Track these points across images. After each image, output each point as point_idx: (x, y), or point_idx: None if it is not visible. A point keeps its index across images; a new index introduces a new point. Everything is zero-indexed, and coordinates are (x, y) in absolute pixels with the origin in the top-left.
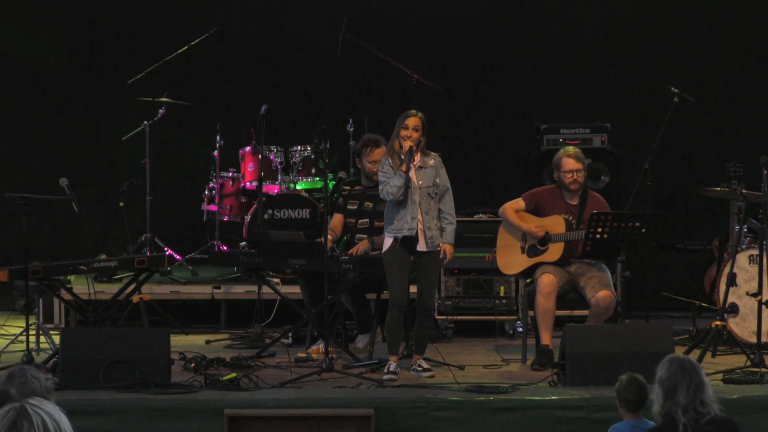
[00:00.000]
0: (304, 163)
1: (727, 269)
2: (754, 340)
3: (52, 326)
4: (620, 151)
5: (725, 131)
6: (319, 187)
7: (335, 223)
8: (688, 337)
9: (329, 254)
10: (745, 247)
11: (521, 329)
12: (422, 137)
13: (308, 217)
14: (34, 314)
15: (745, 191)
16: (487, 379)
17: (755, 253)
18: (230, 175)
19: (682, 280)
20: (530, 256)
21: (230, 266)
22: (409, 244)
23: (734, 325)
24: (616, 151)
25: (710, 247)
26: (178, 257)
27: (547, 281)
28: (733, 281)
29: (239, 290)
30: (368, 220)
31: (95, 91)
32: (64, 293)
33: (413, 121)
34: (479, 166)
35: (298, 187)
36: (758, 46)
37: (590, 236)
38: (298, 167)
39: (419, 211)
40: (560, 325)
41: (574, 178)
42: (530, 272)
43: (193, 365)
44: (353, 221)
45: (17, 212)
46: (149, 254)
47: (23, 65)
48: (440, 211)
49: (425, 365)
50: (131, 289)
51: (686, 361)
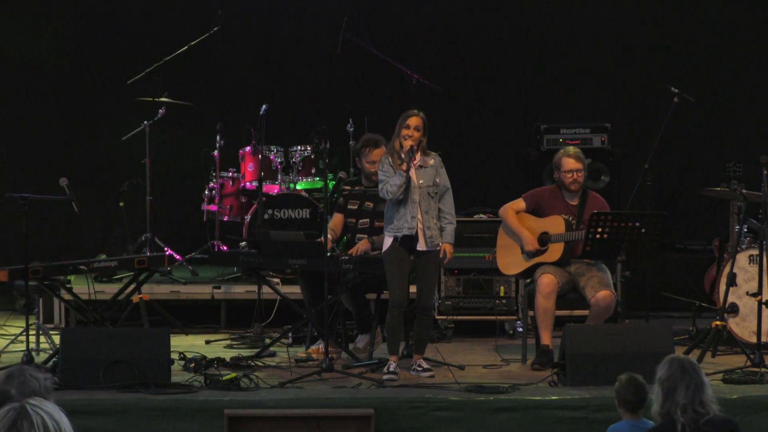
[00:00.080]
0: (304, 163)
1: (727, 269)
2: (754, 340)
3: (52, 326)
4: (620, 151)
5: (725, 131)
6: (319, 187)
7: (335, 222)
8: (688, 337)
9: (329, 254)
10: (745, 247)
11: (521, 329)
12: (423, 137)
13: (308, 217)
14: (34, 314)
15: (745, 191)
16: (487, 379)
17: (755, 253)
18: (230, 175)
19: (682, 280)
20: (530, 256)
21: (230, 266)
22: (408, 243)
23: (734, 325)
24: (616, 151)
25: (710, 247)
26: (178, 257)
27: (547, 281)
28: (733, 281)
29: (239, 290)
30: (368, 220)
31: (95, 91)
32: (64, 293)
33: (415, 120)
34: (479, 166)
35: (298, 187)
36: (758, 46)
37: (590, 236)
38: (298, 167)
39: (419, 210)
40: (560, 325)
41: (574, 178)
42: (530, 272)
43: (193, 365)
44: (353, 221)
45: (17, 212)
46: (149, 254)
47: (23, 65)
48: (440, 210)
49: (425, 365)
50: (131, 289)
51: (686, 361)
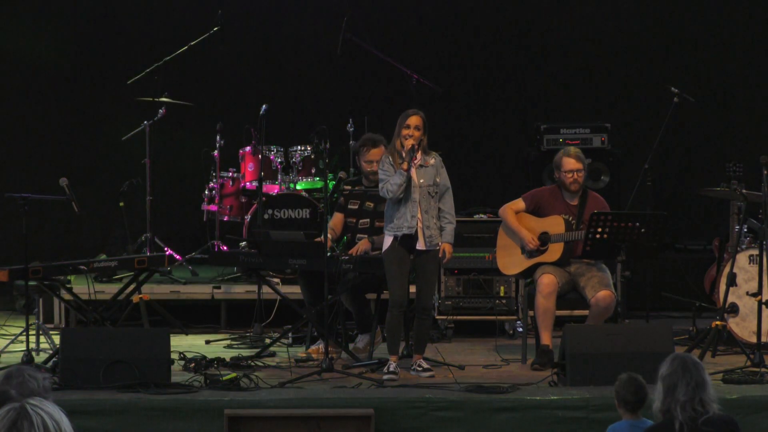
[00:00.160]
0: (304, 163)
1: (727, 269)
2: (754, 340)
3: (52, 326)
4: (620, 151)
5: (725, 131)
6: (319, 187)
7: (336, 222)
8: (688, 337)
9: (329, 254)
10: (745, 247)
11: (521, 329)
12: (424, 136)
13: (308, 217)
14: (34, 314)
15: (745, 191)
16: (487, 379)
17: (755, 253)
18: (230, 175)
19: (682, 280)
20: (530, 256)
21: (230, 266)
22: (408, 242)
23: (734, 325)
24: (616, 151)
25: (710, 247)
26: (178, 257)
27: (547, 281)
28: (733, 281)
29: (239, 290)
30: (369, 220)
31: (95, 91)
32: (64, 293)
33: (415, 119)
34: (479, 166)
35: (298, 187)
36: (758, 46)
37: (590, 236)
38: (298, 167)
39: (419, 209)
40: (560, 325)
41: (574, 178)
42: (530, 272)
43: (193, 365)
44: (354, 221)
45: (17, 212)
46: (149, 254)
47: (23, 65)
48: (440, 210)
49: (425, 365)
50: (131, 289)
51: (689, 359)
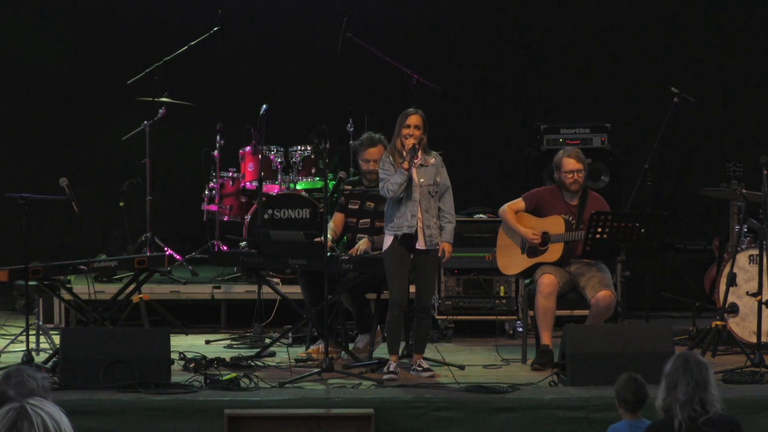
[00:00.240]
0: (304, 163)
1: (727, 269)
2: (754, 340)
3: (52, 326)
4: (620, 151)
5: (725, 131)
6: (319, 187)
7: (336, 222)
8: (688, 337)
9: (329, 254)
10: (745, 247)
11: (521, 329)
12: (424, 135)
13: (308, 217)
14: (34, 314)
15: (745, 191)
16: (487, 379)
17: (755, 253)
18: (230, 175)
19: (682, 280)
20: (530, 256)
21: (230, 266)
22: (408, 241)
23: (734, 325)
24: (616, 151)
25: (710, 247)
26: (178, 257)
27: (547, 281)
28: (733, 281)
29: (239, 290)
30: (369, 220)
31: (95, 91)
32: (64, 293)
33: (414, 119)
34: (479, 166)
35: (298, 187)
36: (758, 46)
37: (590, 236)
38: (298, 167)
39: (419, 209)
40: (560, 325)
41: (574, 178)
42: (530, 272)
43: (193, 365)
44: (354, 221)
45: (17, 212)
46: (149, 254)
47: (23, 65)
48: (440, 209)
49: (425, 365)
50: (131, 289)
51: (693, 358)
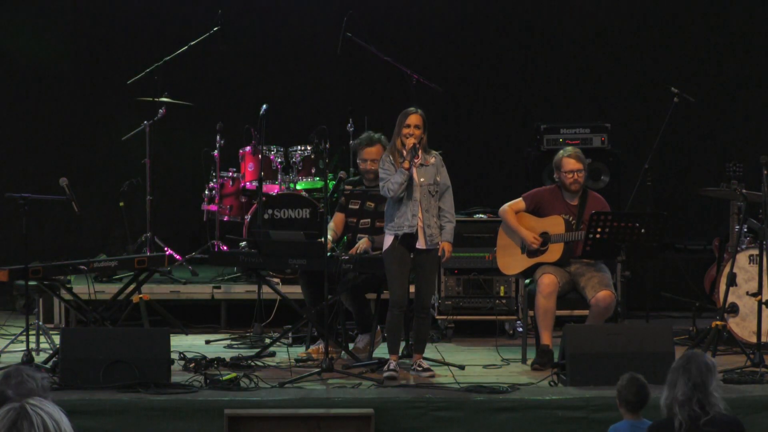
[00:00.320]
0: (304, 163)
1: (727, 269)
2: (754, 340)
3: (52, 326)
4: (620, 151)
5: (725, 131)
6: (319, 187)
7: (336, 221)
8: (688, 337)
9: (329, 254)
10: (745, 247)
11: (521, 329)
12: (424, 134)
13: (308, 217)
14: (34, 314)
15: (745, 191)
16: (487, 379)
17: (755, 253)
18: (230, 175)
19: (682, 280)
20: (530, 256)
21: (230, 266)
22: (408, 241)
23: (734, 325)
24: (616, 151)
25: (710, 247)
26: (178, 257)
27: (547, 281)
28: (733, 281)
29: (239, 290)
30: (370, 220)
31: (95, 91)
32: (64, 293)
33: (414, 118)
34: (479, 166)
35: (298, 187)
36: (758, 46)
37: (590, 236)
38: (298, 167)
39: (420, 208)
40: (560, 325)
41: (574, 178)
42: (530, 272)
43: (193, 365)
44: (354, 221)
45: (17, 212)
46: (149, 254)
47: (23, 65)
48: (440, 209)
49: (425, 365)
50: (131, 289)
51: (695, 359)
